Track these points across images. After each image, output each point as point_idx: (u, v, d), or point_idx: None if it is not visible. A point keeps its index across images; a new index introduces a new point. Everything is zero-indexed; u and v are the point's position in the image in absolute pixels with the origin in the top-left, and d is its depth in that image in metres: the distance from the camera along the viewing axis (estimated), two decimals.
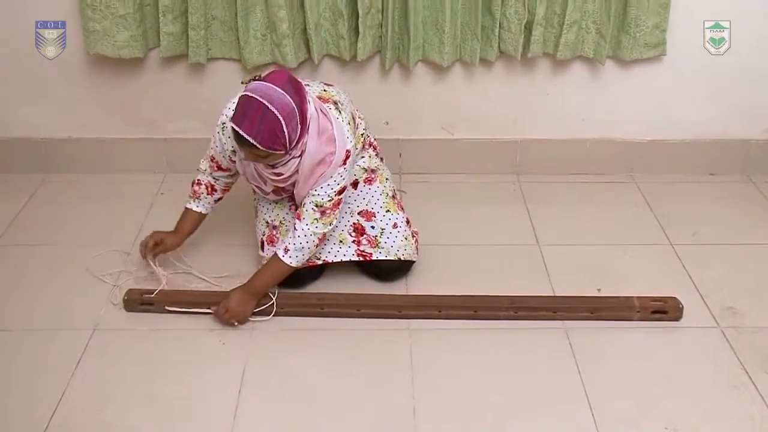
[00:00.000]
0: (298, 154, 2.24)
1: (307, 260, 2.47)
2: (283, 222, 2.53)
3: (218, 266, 2.63)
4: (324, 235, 2.39)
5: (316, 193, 2.32)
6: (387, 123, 3.15)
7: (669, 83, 3.09)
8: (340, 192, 2.34)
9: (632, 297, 2.44)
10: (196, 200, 2.53)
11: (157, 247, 2.52)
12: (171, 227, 2.56)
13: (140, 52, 2.91)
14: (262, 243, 2.55)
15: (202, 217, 2.56)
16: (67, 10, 2.92)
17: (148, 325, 2.39)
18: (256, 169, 2.37)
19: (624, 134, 3.22)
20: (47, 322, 2.42)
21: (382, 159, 2.66)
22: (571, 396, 2.15)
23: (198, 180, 2.52)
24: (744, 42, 3.00)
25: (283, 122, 2.11)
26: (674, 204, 3.06)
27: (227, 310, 2.36)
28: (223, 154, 2.41)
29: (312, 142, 2.23)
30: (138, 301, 2.44)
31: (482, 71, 3.07)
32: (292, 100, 2.13)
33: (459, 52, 2.98)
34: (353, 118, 2.42)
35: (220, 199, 2.57)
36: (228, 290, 2.43)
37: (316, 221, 2.34)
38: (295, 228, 2.36)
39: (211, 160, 2.46)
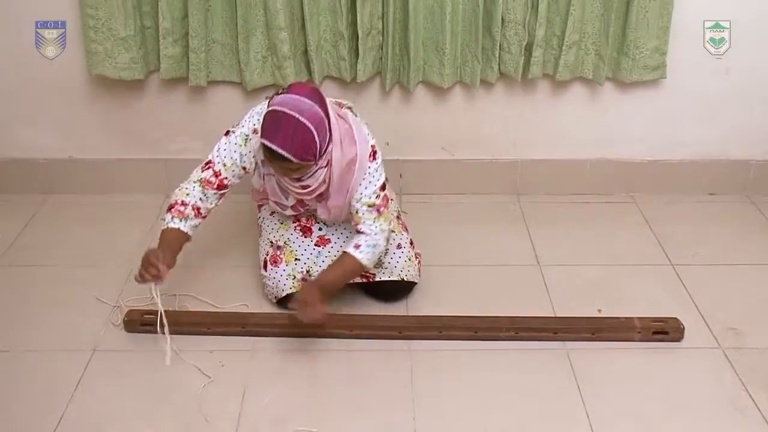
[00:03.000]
0: (324, 164, 2.25)
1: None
2: (287, 243, 2.53)
3: (220, 287, 2.63)
4: (390, 233, 2.41)
5: (361, 196, 2.33)
6: (387, 143, 3.15)
7: (668, 103, 3.10)
8: (383, 188, 2.36)
9: (633, 318, 2.43)
10: (184, 220, 2.34)
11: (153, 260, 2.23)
12: None
13: (141, 74, 2.92)
14: (265, 263, 2.54)
15: (187, 239, 2.37)
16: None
17: (148, 346, 2.38)
18: (279, 183, 2.36)
19: (624, 154, 3.22)
20: (47, 342, 2.41)
21: (387, 180, 2.66)
22: (572, 417, 2.14)
23: (182, 201, 2.34)
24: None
25: (315, 132, 2.12)
26: (674, 224, 3.06)
27: (302, 310, 2.25)
28: (234, 169, 2.36)
29: (336, 150, 2.24)
30: (138, 322, 2.43)
31: (482, 92, 3.08)
32: (320, 110, 2.15)
33: (459, 73, 3.00)
34: (366, 125, 2.44)
35: (200, 224, 2.40)
36: (224, 309, 2.45)
37: (376, 220, 2.35)
38: (361, 232, 2.35)
39: (216, 176, 2.35)
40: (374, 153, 2.34)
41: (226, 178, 2.37)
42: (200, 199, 2.36)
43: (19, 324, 2.50)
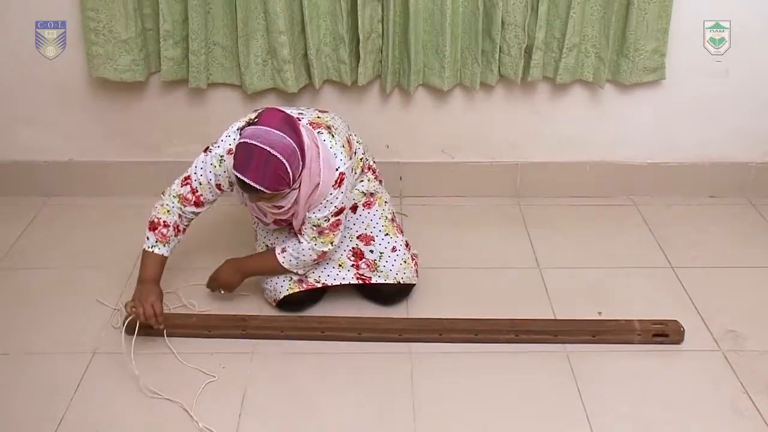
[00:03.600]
0: (297, 186, 2.24)
1: (306, 283, 2.48)
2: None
3: (219, 294, 2.62)
4: (324, 253, 2.41)
5: (313, 215, 2.32)
6: (387, 146, 3.16)
7: (668, 106, 3.10)
8: (338, 213, 2.34)
9: (633, 320, 2.43)
10: (166, 244, 2.38)
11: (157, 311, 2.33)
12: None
13: (142, 76, 2.93)
14: None
15: (166, 260, 2.42)
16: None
17: (148, 348, 2.37)
18: (256, 203, 2.37)
19: (624, 157, 3.23)
20: (47, 345, 2.41)
21: (381, 182, 2.66)
22: (572, 420, 2.14)
23: (164, 222, 2.37)
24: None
25: (286, 164, 2.11)
26: (674, 227, 3.06)
27: (216, 278, 2.52)
28: (210, 188, 2.34)
29: (306, 173, 2.23)
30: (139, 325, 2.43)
31: (482, 95, 3.08)
32: (292, 141, 2.13)
33: (459, 76, 3.00)
34: (348, 142, 2.41)
35: (180, 239, 2.45)
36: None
37: (315, 239, 2.37)
38: (298, 240, 2.39)
39: (193, 193, 2.35)
40: (341, 180, 2.30)
41: (203, 195, 2.37)
42: (179, 215, 2.39)
43: (20, 326, 2.50)
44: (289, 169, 2.12)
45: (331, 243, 2.39)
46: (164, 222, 2.38)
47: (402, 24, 2.87)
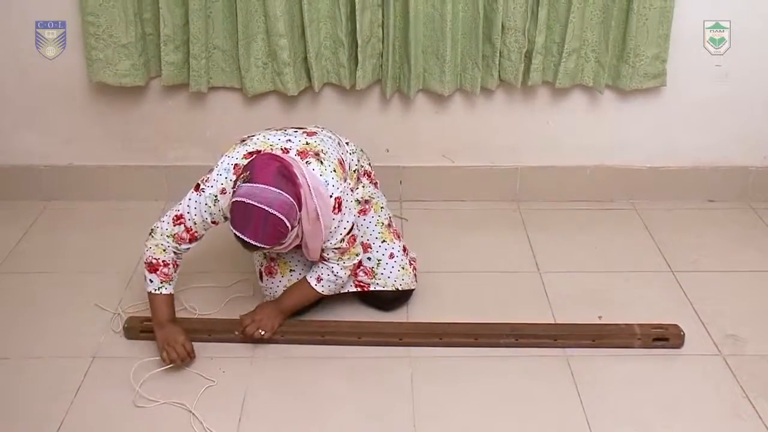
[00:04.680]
0: (296, 224, 2.19)
1: None
2: (280, 254, 2.51)
3: (218, 297, 2.62)
4: (354, 265, 2.42)
5: (329, 243, 2.31)
6: (388, 150, 3.16)
7: (668, 110, 3.10)
8: (350, 231, 2.33)
9: (633, 324, 2.43)
10: (170, 283, 2.37)
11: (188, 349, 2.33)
12: None
13: (142, 81, 2.93)
14: (261, 274, 2.54)
15: (173, 298, 2.41)
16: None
17: (148, 353, 2.37)
18: None
19: (624, 161, 3.23)
20: (47, 349, 2.41)
21: (376, 184, 2.66)
22: (572, 424, 2.14)
23: (163, 261, 2.33)
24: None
25: (285, 220, 2.08)
26: (674, 231, 3.06)
27: (254, 320, 2.40)
28: (205, 225, 2.32)
29: (303, 213, 2.19)
30: (138, 329, 2.43)
31: (483, 99, 3.08)
32: (289, 195, 2.09)
33: (459, 80, 3.00)
34: (340, 163, 2.35)
35: (178, 273, 2.44)
36: (221, 318, 2.47)
37: (341, 259, 2.37)
38: (326, 266, 2.38)
39: (187, 231, 2.32)
40: (339, 205, 2.26)
41: (197, 232, 2.34)
42: (175, 252, 2.36)
43: (19, 331, 2.50)
44: (287, 224, 2.09)
45: (357, 255, 2.41)
46: (163, 261, 2.34)
47: (402, 28, 2.87)
